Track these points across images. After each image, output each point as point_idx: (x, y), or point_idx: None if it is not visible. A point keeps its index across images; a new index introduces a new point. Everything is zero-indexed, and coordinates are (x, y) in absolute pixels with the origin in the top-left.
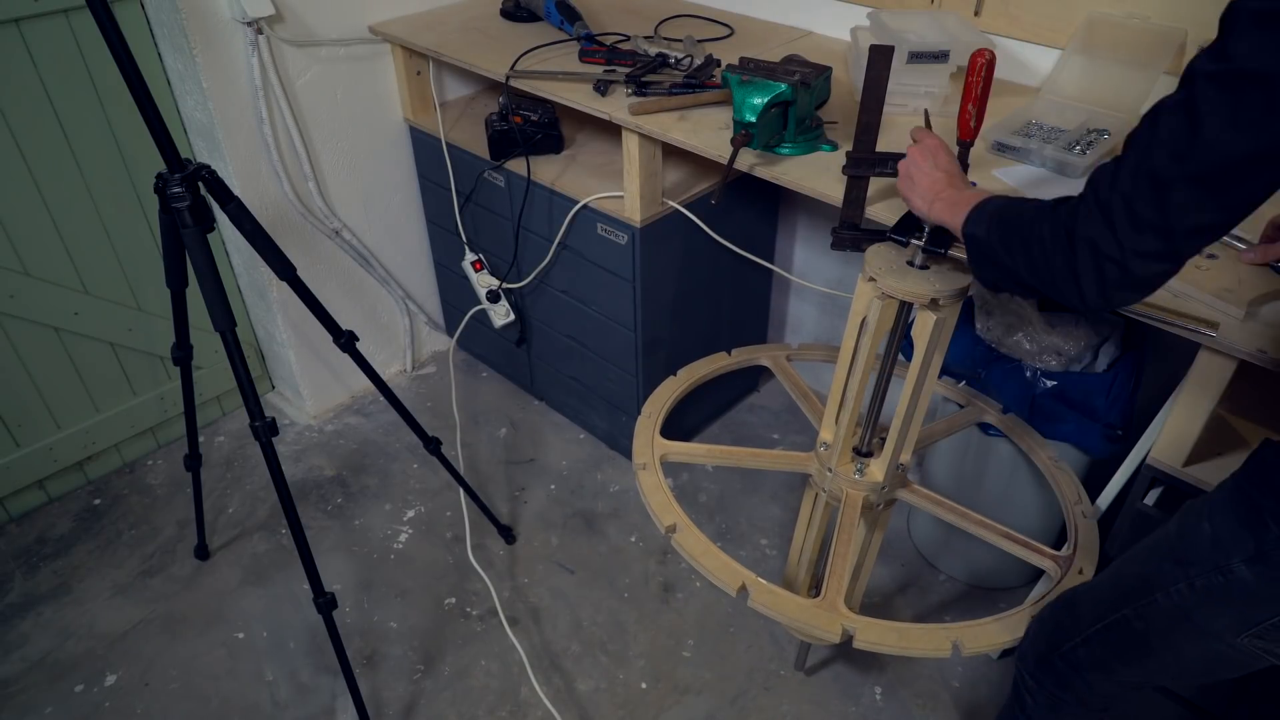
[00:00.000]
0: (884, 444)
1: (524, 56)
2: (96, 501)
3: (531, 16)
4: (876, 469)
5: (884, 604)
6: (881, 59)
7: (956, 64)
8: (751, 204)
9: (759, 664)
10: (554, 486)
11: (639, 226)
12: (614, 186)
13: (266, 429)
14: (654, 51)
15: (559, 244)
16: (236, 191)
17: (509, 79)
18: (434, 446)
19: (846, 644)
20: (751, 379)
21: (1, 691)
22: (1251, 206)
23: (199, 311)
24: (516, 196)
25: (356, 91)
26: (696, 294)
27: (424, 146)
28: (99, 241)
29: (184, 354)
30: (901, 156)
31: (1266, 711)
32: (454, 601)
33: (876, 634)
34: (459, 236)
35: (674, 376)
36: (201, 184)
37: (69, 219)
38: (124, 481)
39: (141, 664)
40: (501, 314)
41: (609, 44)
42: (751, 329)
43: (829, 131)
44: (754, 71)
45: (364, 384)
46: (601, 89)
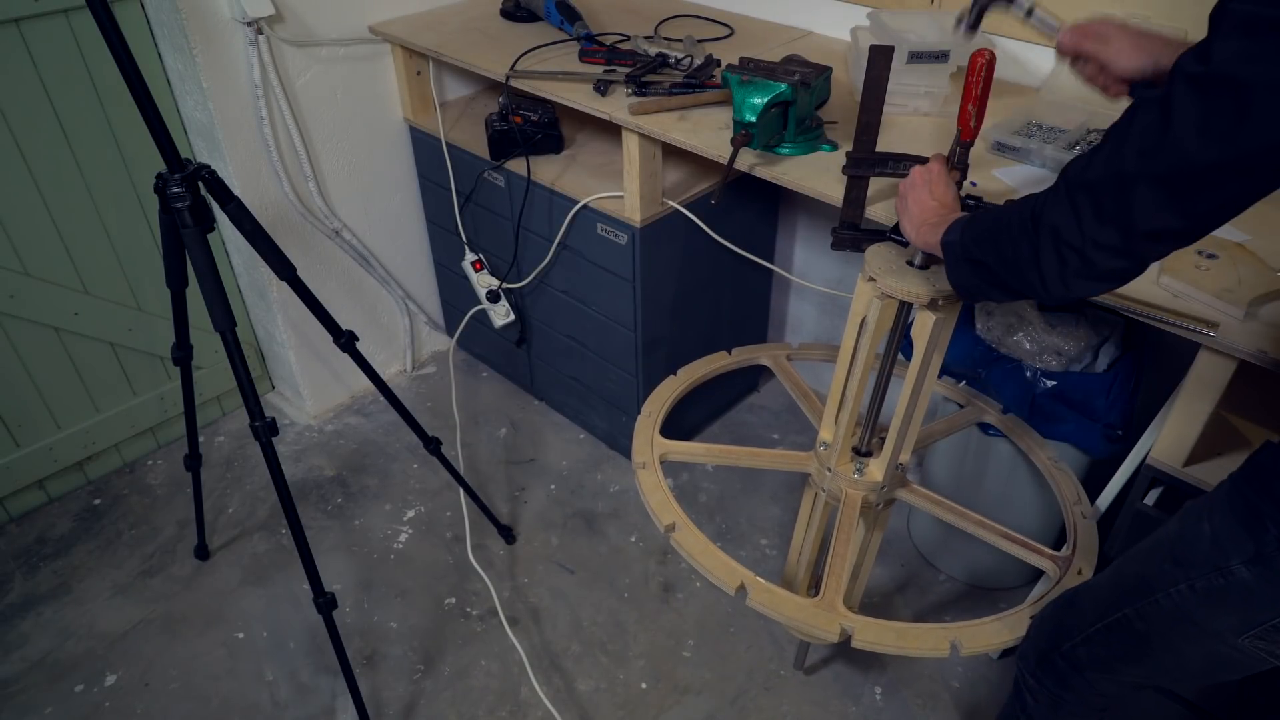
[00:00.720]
0: (883, 444)
1: (524, 56)
2: (96, 501)
3: (531, 16)
4: (876, 469)
5: (883, 604)
6: (881, 59)
7: (956, 64)
8: (751, 204)
9: (759, 664)
10: (554, 486)
11: (639, 226)
12: (614, 186)
13: (266, 429)
14: (654, 51)
15: (559, 244)
16: (236, 191)
17: (509, 79)
18: (434, 446)
19: (846, 644)
20: (751, 379)
21: (1, 691)
22: (1215, 219)
23: (199, 311)
24: (516, 196)
25: (356, 91)
26: (696, 294)
27: (424, 146)
28: (99, 241)
29: (184, 354)
30: (902, 156)
31: (1270, 717)
32: (454, 601)
33: (874, 633)
34: (459, 236)
35: (674, 376)
36: (201, 184)
37: (69, 219)
38: (124, 481)
39: (141, 664)
40: (501, 314)
41: (609, 44)
42: (751, 329)
43: (829, 131)
44: (754, 71)
45: (364, 384)
46: (601, 89)
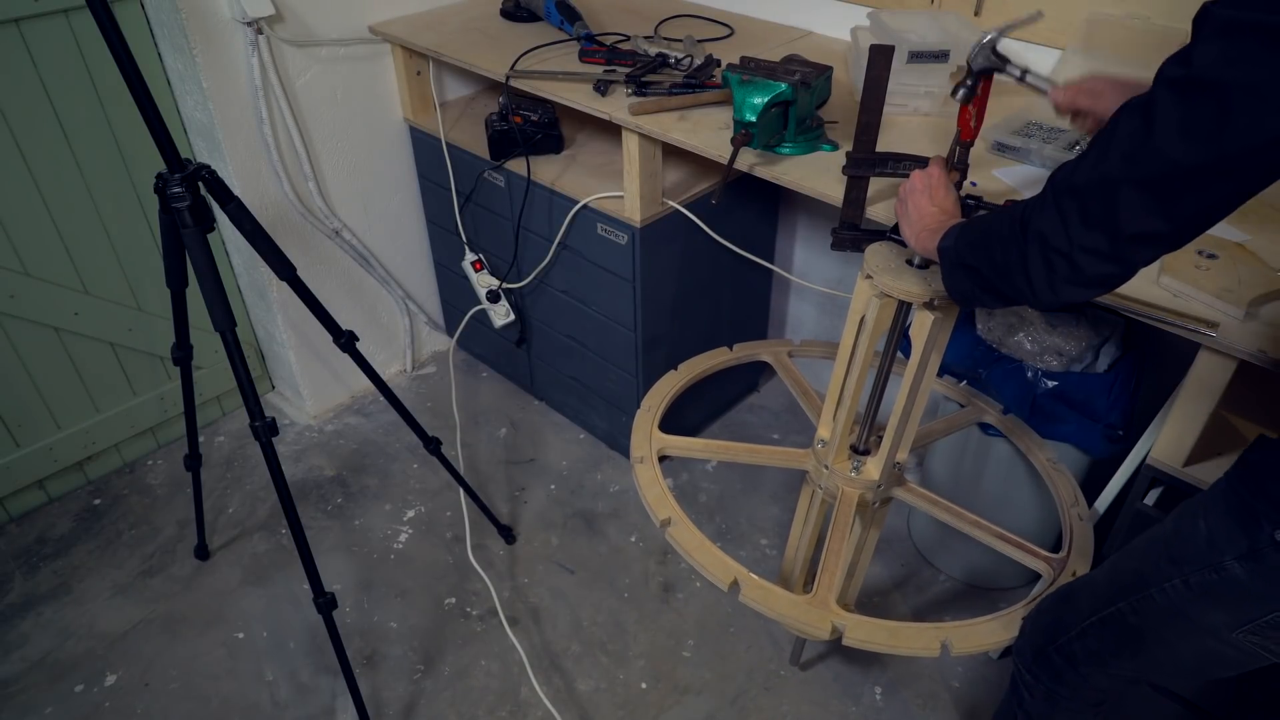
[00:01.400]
0: (881, 442)
1: (524, 56)
2: (96, 501)
3: (531, 16)
4: (873, 467)
5: (882, 603)
6: (882, 59)
7: (956, 64)
8: (751, 204)
9: (759, 664)
10: (554, 486)
11: (639, 226)
12: (614, 186)
13: (266, 429)
14: (654, 51)
15: (559, 244)
16: (236, 191)
17: (509, 79)
18: (434, 446)
19: (844, 642)
20: (751, 379)
21: (1, 691)
22: (1202, 222)
23: (199, 311)
24: (516, 196)
25: (356, 91)
26: (696, 294)
27: (424, 146)
28: (99, 241)
29: (184, 354)
30: (902, 156)
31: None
32: (454, 601)
33: (866, 632)
34: (459, 236)
35: (674, 371)
36: (201, 184)
37: (69, 219)
38: (124, 481)
39: (141, 664)
40: (501, 314)
41: (609, 44)
42: (751, 329)
43: (830, 131)
44: (754, 71)
45: (364, 384)
46: (601, 89)
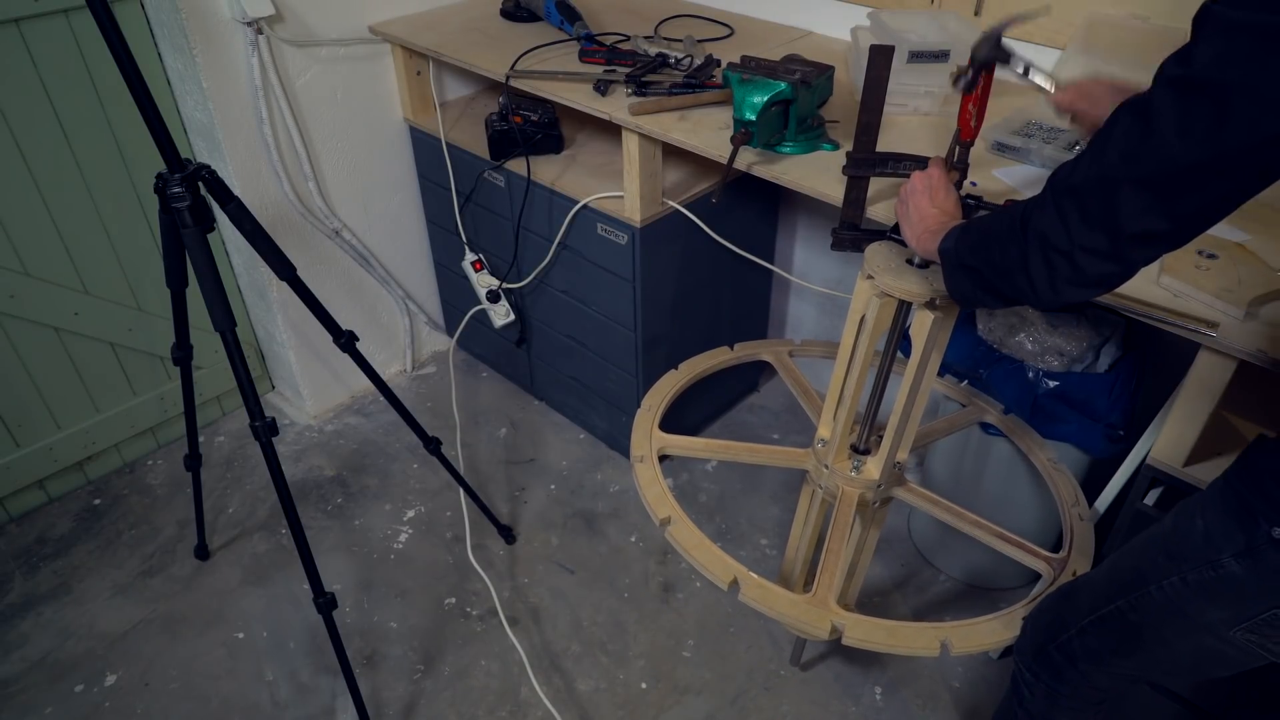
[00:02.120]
0: (881, 442)
1: (524, 56)
2: (96, 501)
3: (531, 16)
4: (873, 466)
5: (882, 602)
6: (882, 59)
7: (956, 64)
8: (751, 204)
9: (759, 664)
10: (554, 486)
11: (639, 226)
12: (614, 186)
13: (266, 429)
14: (654, 51)
15: (559, 244)
16: (236, 191)
17: (509, 79)
18: (434, 446)
19: (844, 642)
20: (751, 379)
21: (1, 691)
22: (1202, 221)
23: (199, 311)
24: (516, 196)
25: (356, 91)
26: (696, 294)
27: (424, 146)
28: (99, 241)
29: (184, 354)
30: (902, 156)
31: (1267, 716)
32: (454, 601)
33: (865, 631)
34: (459, 236)
35: (674, 371)
36: (201, 184)
37: (69, 219)
38: (124, 481)
39: (141, 664)
40: (501, 314)
41: (609, 44)
42: (751, 329)
43: (831, 131)
44: (755, 70)
45: (364, 384)
46: (601, 89)
